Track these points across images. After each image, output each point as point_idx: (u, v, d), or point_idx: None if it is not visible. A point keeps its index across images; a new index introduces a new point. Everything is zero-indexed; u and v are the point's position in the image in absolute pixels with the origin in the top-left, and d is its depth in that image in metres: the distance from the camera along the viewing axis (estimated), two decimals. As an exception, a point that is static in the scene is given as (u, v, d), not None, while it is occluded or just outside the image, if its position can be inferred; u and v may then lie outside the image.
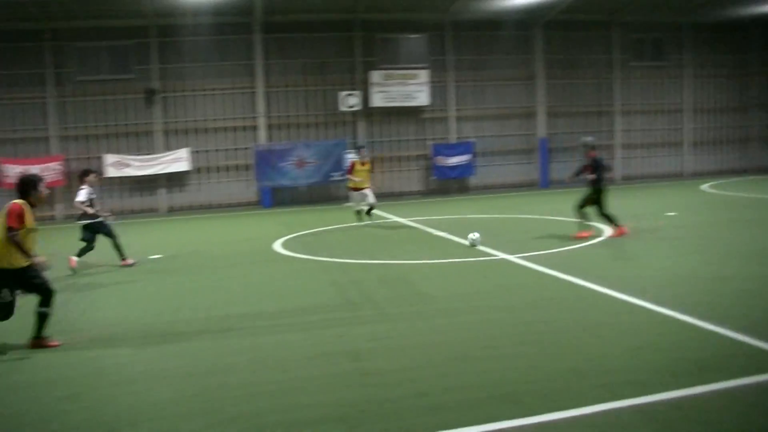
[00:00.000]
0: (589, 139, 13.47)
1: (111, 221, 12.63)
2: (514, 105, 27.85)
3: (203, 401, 5.35)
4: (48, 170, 22.80)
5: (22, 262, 7.00)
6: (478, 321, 7.37)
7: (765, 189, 22.30)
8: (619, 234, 12.73)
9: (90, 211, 12.08)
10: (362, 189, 16.75)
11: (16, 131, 24.20)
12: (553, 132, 27.96)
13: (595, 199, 12.79)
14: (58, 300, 7.48)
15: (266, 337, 7.14)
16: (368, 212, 17.13)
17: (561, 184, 21.22)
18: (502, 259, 11.09)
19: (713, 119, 30.89)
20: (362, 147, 17.38)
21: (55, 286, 7.37)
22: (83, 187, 12.15)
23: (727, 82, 30.96)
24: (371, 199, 16.77)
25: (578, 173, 13.31)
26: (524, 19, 26.94)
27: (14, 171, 22.77)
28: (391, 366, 6.00)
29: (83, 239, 12.13)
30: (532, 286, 9.15)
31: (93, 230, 12.20)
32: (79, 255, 12.01)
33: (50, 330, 7.24)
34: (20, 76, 24.02)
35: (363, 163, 16.92)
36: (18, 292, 7.16)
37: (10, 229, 6.94)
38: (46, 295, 7.16)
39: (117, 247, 12.39)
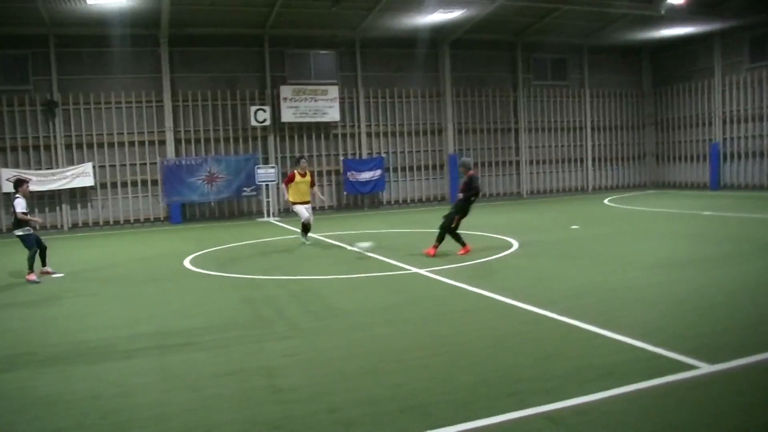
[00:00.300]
0: (467, 159, 13.74)
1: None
2: (423, 121, 28.39)
3: (110, 425, 5.15)
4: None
5: None
6: (390, 334, 7.44)
7: (659, 202, 23.56)
8: (431, 253, 12.79)
9: (38, 220, 13.00)
10: (304, 203, 15.62)
11: None
12: (462, 148, 28.63)
13: (461, 216, 12.88)
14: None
15: (176, 355, 6.96)
16: (304, 231, 16.02)
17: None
18: (414, 273, 11.23)
19: (613, 136, 32.49)
20: (302, 157, 15.85)
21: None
22: (18, 196, 12.27)
23: (624, 101, 32.68)
24: (306, 214, 15.59)
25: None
26: (432, 37, 27.55)
27: None
28: (304, 381, 5.96)
29: (28, 248, 12.34)
30: (443, 299, 9.30)
31: (29, 240, 12.32)
32: (31, 267, 12.20)
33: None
34: None
35: (303, 175, 15.70)
36: None
37: None
38: None
39: (30, 259, 12.24)
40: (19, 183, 12.73)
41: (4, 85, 23.41)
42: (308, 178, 15.80)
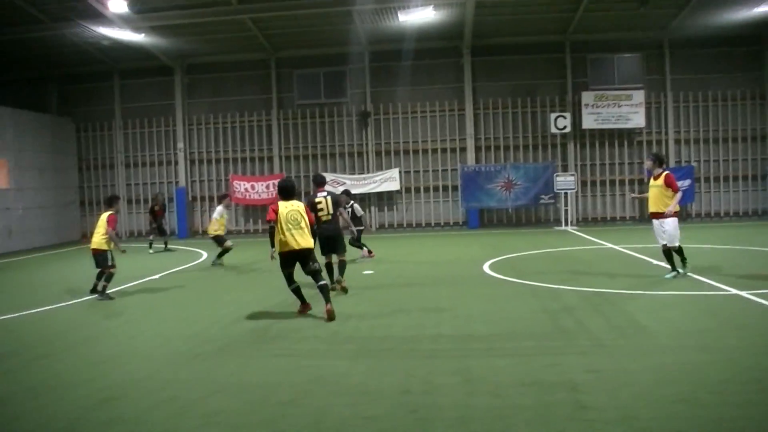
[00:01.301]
0: None
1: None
2: (742, 127, 25.58)
3: (417, 420, 5.34)
4: (272, 187, 24.74)
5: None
6: (707, 361, 6.68)
7: None
8: None
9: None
10: (657, 215, 11.72)
11: (245, 151, 26.48)
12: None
13: None
14: (274, 308, 7.90)
15: (477, 360, 7.02)
16: (667, 255, 11.93)
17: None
18: (734, 295, 10.07)
19: None
20: (656, 155, 11.92)
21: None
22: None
23: None
24: (669, 234, 11.59)
25: None
26: (756, 33, 24.72)
27: (242, 187, 24.97)
28: (612, 402, 5.59)
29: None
30: (772, 327, 8.18)
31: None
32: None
33: (267, 337, 7.75)
34: (249, 102, 26.39)
35: (655, 177, 11.71)
36: None
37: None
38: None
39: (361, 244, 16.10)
40: (348, 193, 16.34)
41: (327, 98, 26.13)
42: (660, 181, 11.57)
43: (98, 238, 12.07)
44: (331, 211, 11.72)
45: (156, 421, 5.51)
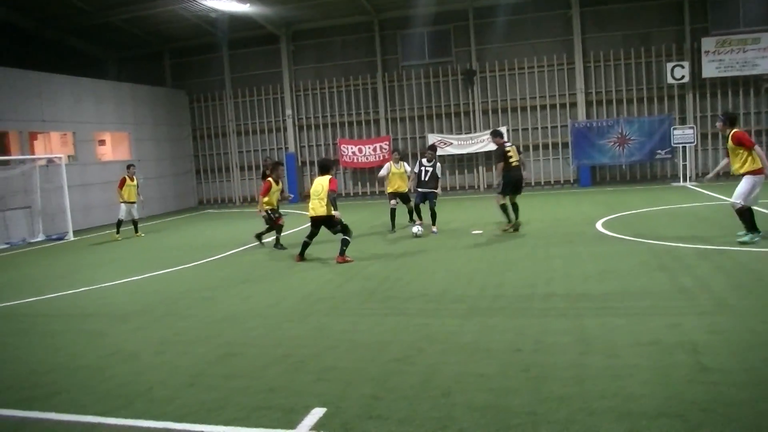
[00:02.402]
0: None
1: None
2: None
3: (530, 378, 5.25)
4: (378, 150, 24.90)
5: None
6: None
7: None
8: None
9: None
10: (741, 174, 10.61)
11: (351, 115, 26.72)
12: None
13: None
14: (385, 268, 7.96)
15: (592, 319, 6.82)
16: (739, 214, 10.77)
17: None
18: None
19: None
20: (726, 115, 11.07)
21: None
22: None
23: None
24: (737, 191, 10.57)
25: None
26: None
27: (350, 151, 25.27)
28: (738, 364, 5.28)
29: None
30: None
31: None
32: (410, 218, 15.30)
33: (378, 296, 7.88)
34: (354, 65, 26.53)
35: (727, 138, 10.74)
36: None
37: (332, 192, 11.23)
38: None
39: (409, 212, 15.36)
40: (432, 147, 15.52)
41: (431, 58, 25.87)
42: (730, 142, 10.65)
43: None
44: (518, 158, 13.20)
45: (272, 377, 5.70)
